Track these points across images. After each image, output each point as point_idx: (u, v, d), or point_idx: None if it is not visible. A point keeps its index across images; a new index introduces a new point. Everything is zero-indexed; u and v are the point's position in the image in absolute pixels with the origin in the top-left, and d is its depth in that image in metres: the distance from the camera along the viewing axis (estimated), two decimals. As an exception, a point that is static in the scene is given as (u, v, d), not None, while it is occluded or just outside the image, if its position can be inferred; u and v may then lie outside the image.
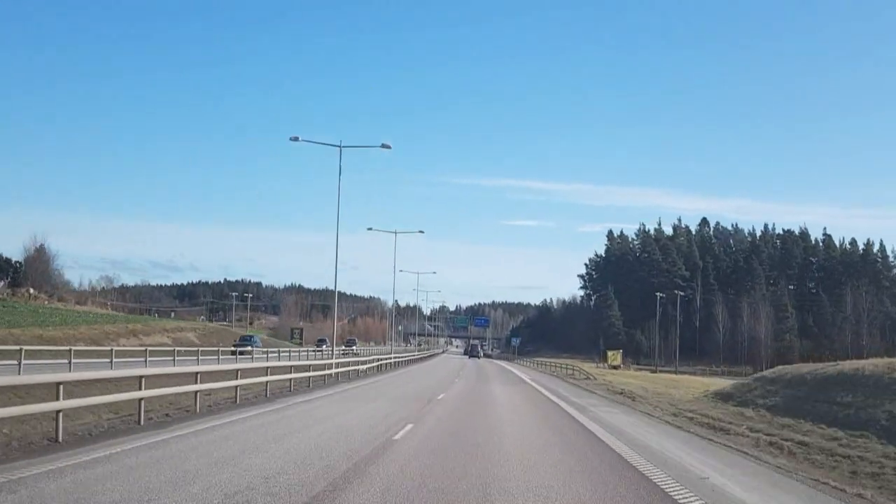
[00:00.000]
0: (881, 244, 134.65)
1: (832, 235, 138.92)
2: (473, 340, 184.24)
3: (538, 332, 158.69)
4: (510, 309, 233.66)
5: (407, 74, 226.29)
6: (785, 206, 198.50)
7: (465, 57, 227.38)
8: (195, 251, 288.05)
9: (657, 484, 9.47)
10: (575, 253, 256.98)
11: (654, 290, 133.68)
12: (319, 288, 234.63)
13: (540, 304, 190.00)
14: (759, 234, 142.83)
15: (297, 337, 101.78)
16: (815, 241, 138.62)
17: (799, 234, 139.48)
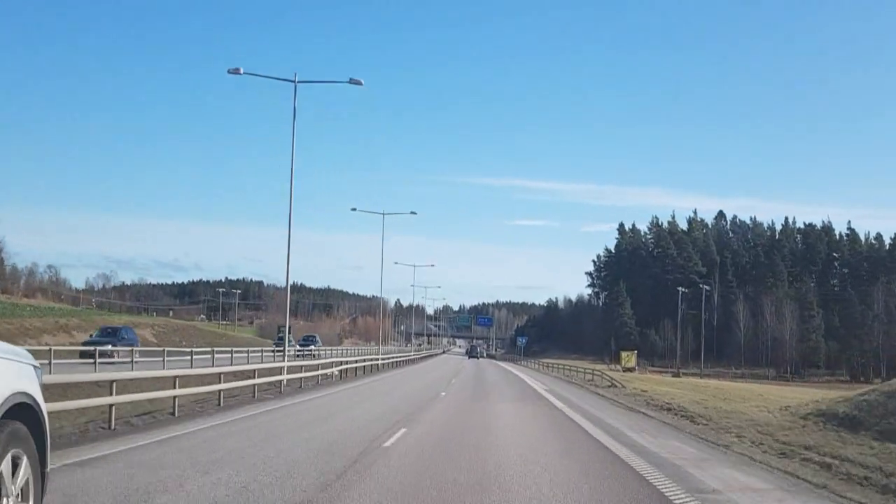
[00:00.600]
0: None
1: (856, 230, 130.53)
2: (477, 340, 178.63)
3: (544, 331, 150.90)
4: (514, 309, 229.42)
5: (407, 74, 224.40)
6: (797, 206, 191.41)
7: (465, 56, 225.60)
8: (200, 251, 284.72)
9: None
10: (579, 253, 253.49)
11: (668, 286, 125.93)
12: (322, 287, 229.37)
13: (545, 303, 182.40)
14: (778, 228, 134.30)
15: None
16: (839, 235, 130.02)
17: (822, 228, 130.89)
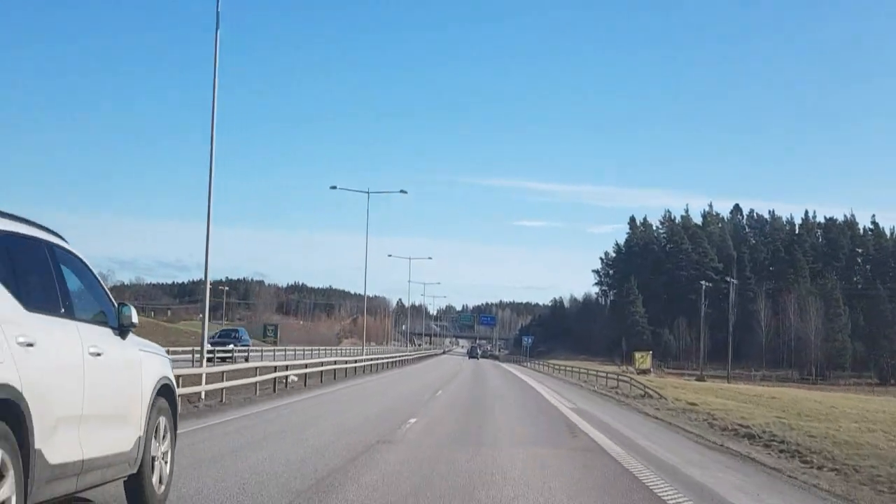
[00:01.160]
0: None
1: (880, 224, 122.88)
2: (480, 340, 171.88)
3: (550, 331, 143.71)
4: (517, 309, 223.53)
5: (409, 74, 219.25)
6: (812, 205, 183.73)
7: (466, 57, 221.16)
8: (203, 251, 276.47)
9: None
10: (584, 254, 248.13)
11: (682, 283, 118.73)
12: (323, 287, 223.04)
13: (550, 302, 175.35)
14: (798, 222, 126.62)
15: (270, 334, 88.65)
16: (862, 230, 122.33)
17: (844, 222, 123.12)
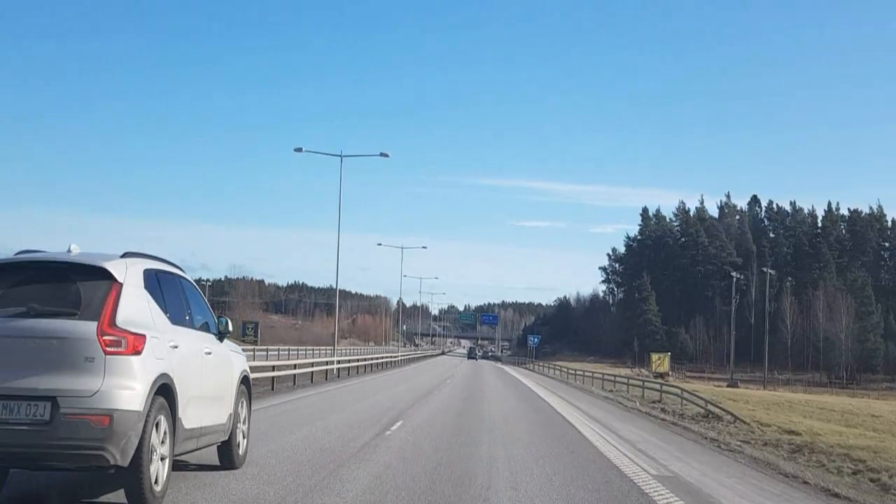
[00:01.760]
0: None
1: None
2: (482, 341, 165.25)
3: (556, 330, 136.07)
4: (520, 309, 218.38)
5: (410, 74, 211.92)
6: (834, 198, 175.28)
7: (467, 56, 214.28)
8: (206, 251, 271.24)
9: None
10: (588, 254, 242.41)
11: (698, 279, 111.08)
12: (325, 286, 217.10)
13: (553, 302, 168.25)
14: (820, 214, 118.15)
15: (250, 333, 79.84)
16: (891, 222, 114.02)
17: (870, 214, 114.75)
